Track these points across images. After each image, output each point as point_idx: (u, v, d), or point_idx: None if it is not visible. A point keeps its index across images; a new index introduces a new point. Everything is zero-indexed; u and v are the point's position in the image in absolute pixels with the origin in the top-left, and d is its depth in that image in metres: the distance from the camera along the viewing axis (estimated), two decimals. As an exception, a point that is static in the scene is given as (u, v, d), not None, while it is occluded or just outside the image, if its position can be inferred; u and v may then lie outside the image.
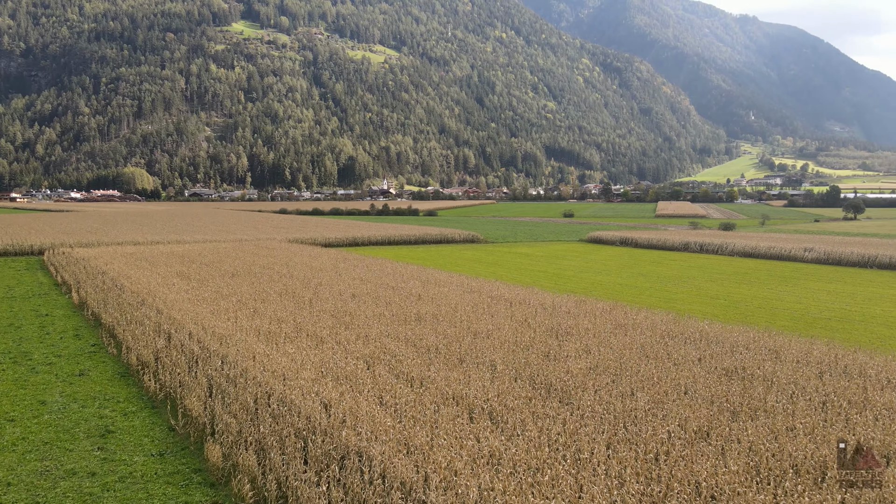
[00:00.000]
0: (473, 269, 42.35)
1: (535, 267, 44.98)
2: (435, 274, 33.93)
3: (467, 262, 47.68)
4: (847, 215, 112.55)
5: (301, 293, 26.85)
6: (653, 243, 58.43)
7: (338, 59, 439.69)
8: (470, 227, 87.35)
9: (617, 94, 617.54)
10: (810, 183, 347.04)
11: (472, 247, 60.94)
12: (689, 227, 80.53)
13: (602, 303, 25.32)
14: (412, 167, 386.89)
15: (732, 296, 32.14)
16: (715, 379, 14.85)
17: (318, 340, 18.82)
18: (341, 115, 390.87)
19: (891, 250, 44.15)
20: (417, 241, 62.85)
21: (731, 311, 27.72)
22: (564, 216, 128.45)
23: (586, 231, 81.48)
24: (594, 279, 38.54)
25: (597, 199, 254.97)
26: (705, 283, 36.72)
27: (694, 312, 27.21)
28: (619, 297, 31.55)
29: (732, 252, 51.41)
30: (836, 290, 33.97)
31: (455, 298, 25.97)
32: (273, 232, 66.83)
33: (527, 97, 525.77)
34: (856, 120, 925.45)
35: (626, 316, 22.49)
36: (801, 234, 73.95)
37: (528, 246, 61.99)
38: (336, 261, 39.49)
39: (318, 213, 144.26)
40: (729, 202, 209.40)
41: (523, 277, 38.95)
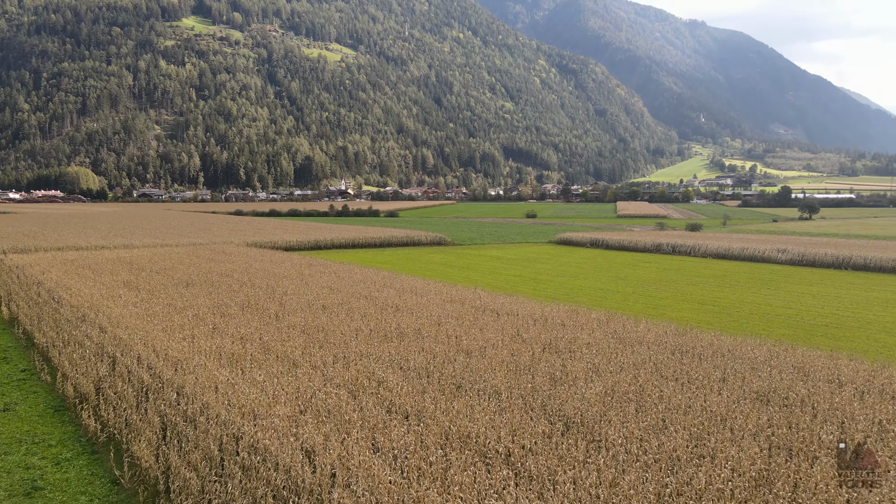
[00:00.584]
0: (446, 275, 40.28)
1: (508, 271, 43.19)
2: (409, 281, 31.72)
3: (438, 266, 45.57)
4: (803, 215, 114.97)
5: (265, 305, 24.30)
6: (624, 245, 57.47)
7: (293, 58, 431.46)
8: (434, 229, 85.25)
9: (573, 96, 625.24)
10: (759, 183, 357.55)
11: (439, 249, 58.86)
12: (655, 227, 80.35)
13: (595, 312, 23.59)
14: (370, 167, 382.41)
15: (720, 301, 30.95)
16: (750, 405, 13.15)
17: (291, 364, 16.43)
18: (297, 114, 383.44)
19: (863, 251, 44.04)
20: (383, 244, 60.40)
21: (725, 319, 26.40)
22: (527, 217, 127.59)
23: (553, 232, 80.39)
24: (574, 284, 36.95)
25: (556, 200, 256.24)
26: (687, 287, 35.55)
27: (687, 320, 25.79)
28: (605, 304, 29.98)
29: (705, 254, 50.74)
30: (820, 294, 33.19)
31: (436, 309, 23.84)
32: (229, 235, 63.36)
33: (484, 97, 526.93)
34: (799, 123, 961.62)
35: (625, 328, 20.78)
36: (764, 234, 74.46)
37: (497, 248, 60.28)
38: (300, 267, 36.85)
39: (275, 214, 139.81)
40: (685, 202, 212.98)
41: (500, 283, 37.10)
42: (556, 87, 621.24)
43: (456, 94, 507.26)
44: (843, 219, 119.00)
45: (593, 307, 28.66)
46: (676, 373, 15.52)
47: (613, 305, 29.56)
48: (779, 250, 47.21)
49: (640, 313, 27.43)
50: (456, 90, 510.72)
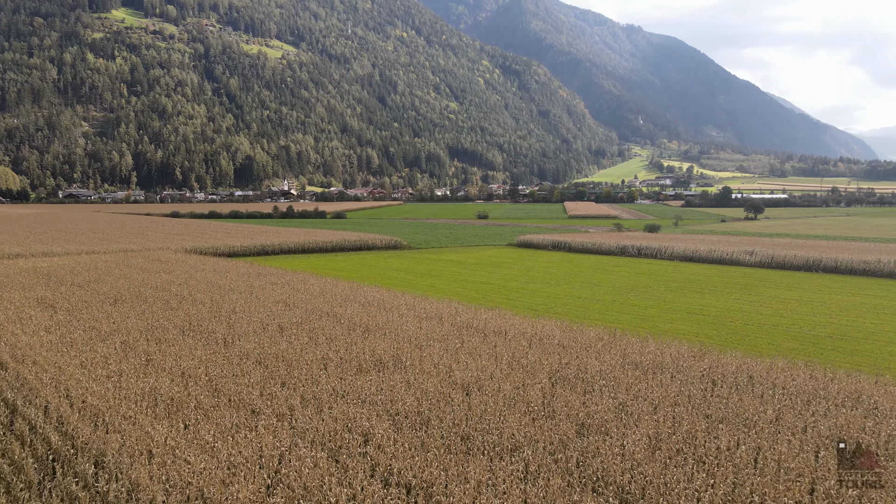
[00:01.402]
0: (410, 283, 37.16)
1: (474, 277, 40.43)
2: (373, 293, 28.47)
3: (398, 273, 42.37)
4: (748, 215, 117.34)
5: (211, 326, 20.63)
6: (587, 247, 55.70)
7: (232, 53, 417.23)
8: (386, 231, 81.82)
9: (516, 97, 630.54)
10: (696, 184, 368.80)
11: (396, 254, 55.59)
12: (612, 229, 79.43)
13: (593, 329, 21.02)
14: (314, 167, 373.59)
15: (707, 310, 29.03)
16: (833, 458, 10.70)
17: (249, 412, 13.07)
18: (237, 112, 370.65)
19: (832, 253, 43.48)
20: (335, 249, 56.65)
21: (723, 331, 24.34)
22: (479, 217, 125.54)
23: (510, 234, 78.29)
24: (548, 292, 34.48)
25: (504, 200, 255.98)
26: (667, 294, 33.63)
27: (685, 334, 23.62)
28: (589, 315, 27.56)
29: (672, 256, 49.41)
30: (804, 300, 31.81)
31: (412, 328, 20.76)
32: (165, 240, 58.19)
33: (429, 97, 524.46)
34: (730, 126, 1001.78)
35: (634, 349, 18.25)
36: (718, 234, 74.49)
37: (456, 252, 57.48)
38: (249, 277, 32.98)
39: (215, 216, 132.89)
40: (630, 202, 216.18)
41: (470, 292, 34.27)
42: (499, 87, 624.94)
43: (400, 93, 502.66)
44: (786, 218, 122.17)
45: (580, 320, 26.20)
46: (721, 411, 13.00)
47: (599, 317, 27.19)
48: (746, 252, 46.26)
49: (631, 327, 25.12)
50: (400, 90, 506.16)
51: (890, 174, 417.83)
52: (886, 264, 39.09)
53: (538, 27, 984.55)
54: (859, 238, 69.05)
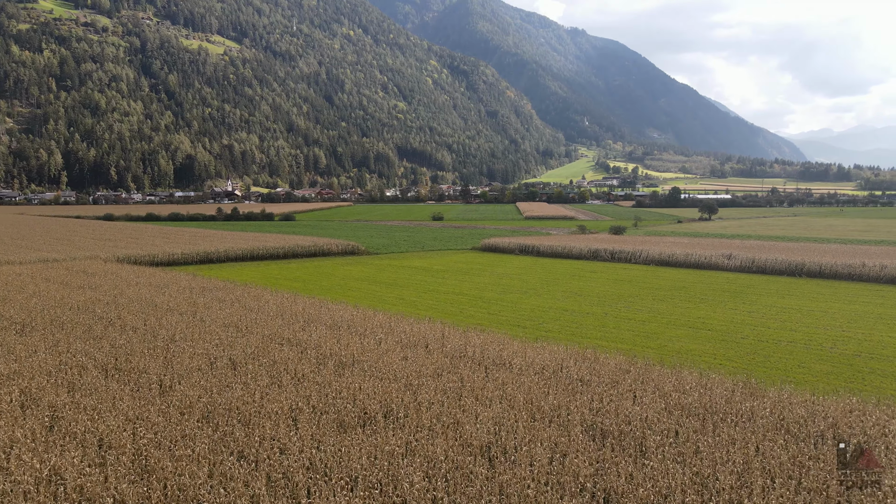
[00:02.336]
0: (376, 295, 33.39)
1: (445, 287, 36.95)
2: (340, 311, 24.61)
3: (361, 283, 38.46)
4: (703, 216, 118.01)
5: (143, 363, 16.45)
6: (557, 251, 53.02)
7: (170, 48, 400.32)
8: (340, 234, 77.44)
9: (465, 97, 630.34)
10: (642, 184, 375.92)
11: (355, 261, 51.52)
12: (575, 231, 77.36)
13: (610, 357, 17.84)
14: (259, 167, 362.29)
15: (709, 323, 26.44)
16: None
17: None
18: (176, 110, 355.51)
19: (814, 256, 42.01)
20: (288, 255, 52.13)
21: (741, 351, 21.67)
22: (434, 219, 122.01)
23: (470, 236, 75.19)
24: (530, 304, 31.33)
25: (455, 201, 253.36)
26: (658, 305, 31.00)
27: (699, 354, 20.83)
28: (584, 332, 24.53)
29: (647, 260, 47.20)
30: (804, 309, 29.68)
31: (395, 361, 17.10)
32: (95, 247, 52.36)
33: (377, 97, 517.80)
34: (670, 128, 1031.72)
35: (668, 384, 15.13)
36: (680, 235, 73.39)
37: (419, 258, 53.85)
38: (192, 292, 28.52)
39: (153, 218, 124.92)
40: (581, 203, 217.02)
41: (443, 304, 30.79)
42: (448, 87, 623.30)
43: (348, 92, 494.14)
44: (738, 219, 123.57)
45: (578, 340, 23.10)
46: (830, 487, 9.91)
47: (596, 335, 24.18)
48: (724, 256, 44.43)
49: (638, 347, 22.18)
50: (348, 88, 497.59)
51: (821, 175, 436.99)
52: (872, 268, 37.71)
53: (485, 28, 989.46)
54: (820, 239, 69.07)
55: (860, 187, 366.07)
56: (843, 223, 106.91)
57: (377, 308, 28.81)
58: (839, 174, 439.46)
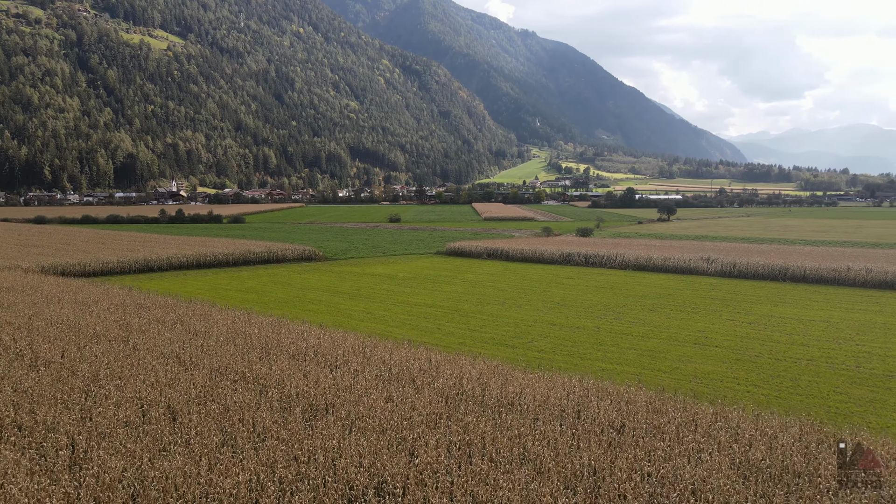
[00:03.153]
0: (342, 311, 29.92)
1: (416, 298, 33.74)
2: (303, 333, 21.12)
3: (322, 294, 34.84)
4: (661, 216, 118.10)
5: (52, 417, 12.74)
6: (527, 255, 50.44)
7: (109, 42, 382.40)
8: (292, 237, 73.17)
9: (417, 97, 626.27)
10: (594, 184, 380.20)
11: (313, 267, 47.67)
12: (541, 233, 75.12)
13: (640, 393, 15.00)
14: (206, 167, 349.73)
15: (712, 337, 24.09)
16: None
17: None
18: (116, 106, 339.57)
19: (796, 260, 40.60)
20: (239, 262, 47.87)
21: (765, 374, 19.27)
22: (391, 221, 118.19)
23: (433, 240, 72.05)
24: (512, 317, 28.46)
25: (410, 201, 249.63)
26: (650, 316, 28.60)
27: (719, 378, 18.33)
28: (581, 352, 21.77)
29: (624, 265, 45.06)
30: (806, 319, 27.74)
31: (378, 402, 13.87)
32: (18, 254, 46.92)
33: (328, 95, 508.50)
34: (619, 129, 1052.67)
35: (721, 432, 12.39)
36: (646, 237, 72.12)
37: (381, 263, 50.39)
38: (126, 311, 24.46)
39: (90, 221, 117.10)
40: (537, 203, 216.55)
41: (419, 321, 27.60)
42: (400, 87, 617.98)
43: (298, 90, 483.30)
44: (695, 219, 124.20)
45: (579, 363, 20.33)
46: None
47: (597, 356, 21.47)
48: (703, 259, 42.66)
49: (648, 371, 19.54)
50: (298, 87, 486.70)
51: (763, 176, 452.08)
52: (857, 272, 36.41)
53: (436, 28, 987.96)
54: (786, 241, 68.86)
55: (800, 188, 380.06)
56: (798, 223, 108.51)
57: (345, 327, 25.43)
58: (780, 175, 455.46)
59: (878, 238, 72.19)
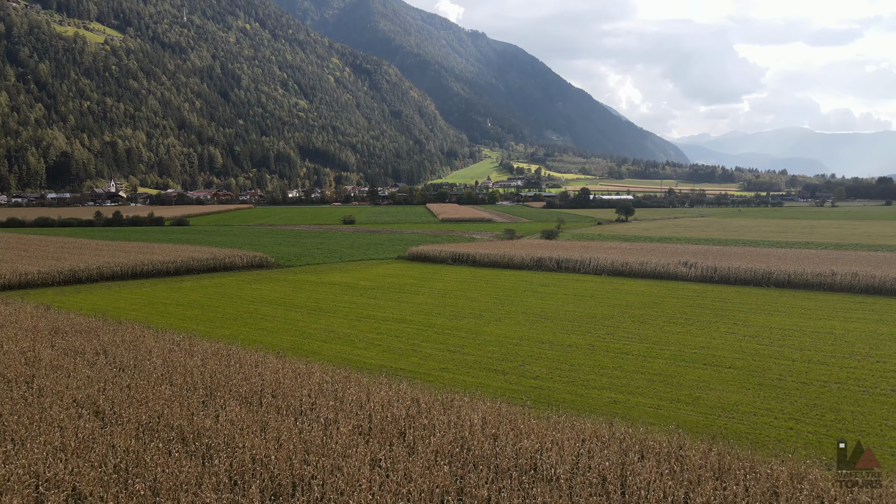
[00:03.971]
0: (300, 329, 26.29)
1: (382, 312, 30.38)
2: (256, 362, 17.56)
3: (277, 309, 31.04)
4: (620, 217, 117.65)
5: None
6: (496, 260, 47.63)
7: (41, 35, 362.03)
8: (241, 242, 68.48)
9: (368, 96, 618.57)
10: (546, 185, 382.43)
11: (265, 276, 43.58)
12: (504, 235, 72.48)
13: (688, 449, 12.14)
14: (147, 167, 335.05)
15: (720, 355, 21.67)
16: None
17: None
18: (49, 102, 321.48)
19: (779, 264, 39.04)
20: (181, 271, 43.34)
21: (797, 402, 16.80)
22: (345, 223, 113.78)
23: (392, 243, 68.46)
24: (493, 333, 25.48)
25: (363, 202, 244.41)
26: (644, 329, 26.10)
27: (749, 410, 15.76)
28: (580, 378, 18.96)
29: (598, 270, 42.74)
30: (809, 330, 25.72)
31: (362, 473, 10.61)
32: (-79, 265, 41.17)
33: (276, 94, 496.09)
34: (568, 130, 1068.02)
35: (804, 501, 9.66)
36: (612, 240, 70.56)
37: (339, 270, 46.67)
38: (35, 338, 20.26)
39: (16, 224, 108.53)
40: (492, 203, 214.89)
41: (389, 341, 24.27)
42: (350, 86, 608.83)
43: (245, 88, 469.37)
44: (653, 220, 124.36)
45: (584, 394, 17.48)
46: None
47: (602, 381, 18.70)
48: (682, 264, 40.73)
49: (665, 401, 16.83)
50: (245, 84, 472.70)
51: (708, 177, 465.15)
52: (843, 277, 34.97)
53: (386, 28, 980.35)
54: (752, 242, 68.34)
55: (743, 188, 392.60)
56: (753, 224, 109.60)
57: (306, 351, 21.96)
58: (724, 176, 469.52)
59: (837, 238, 72.62)
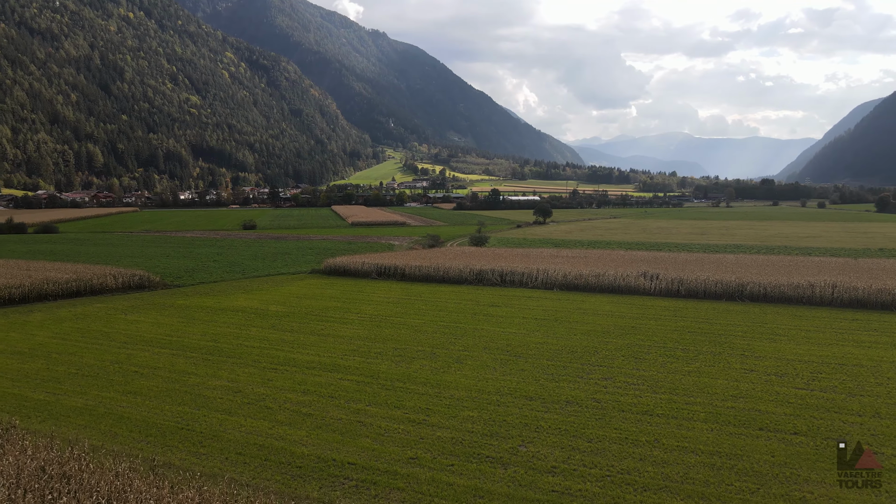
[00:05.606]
0: (193, 391, 18.76)
1: (304, 353, 23.37)
2: (107, 491, 10.22)
3: (160, 356, 23.11)
4: (538, 219, 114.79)
5: None
6: (429, 274, 41.33)
7: None
8: (121, 255, 58.06)
9: (266, 94, 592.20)
10: (452, 186, 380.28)
11: (145, 302, 34.84)
12: (427, 241, 65.91)
13: None
14: (13, 165, 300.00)
15: (770, 412, 16.65)
16: None
17: None
18: None
19: (751, 275, 35.36)
20: (30, 297, 33.72)
21: None
22: (246, 228, 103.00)
23: (303, 252, 60.27)
24: (458, 384, 19.27)
25: (263, 204, 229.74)
26: (641, 367, 20.84)
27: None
28: (625, 473, 13.15)
29: (549, 284, 37.55)
30: (834, 360, 21.43)
31: None
32: None
33: (165, 88, 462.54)
34: (469, 132, 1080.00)
35: None
36: (544, 245, 66.40)
37: (244, 291, 38.59)
38: None
39: None
40: (400, 205, 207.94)
41: (322, 406, 17.46)
42: (247, 83, 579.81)
43: (129, 81, 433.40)
44: (571, 221, 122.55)
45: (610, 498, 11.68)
46: None
47: (649, 473, 13.00)
48: (642, 275, 36.29)
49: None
50: (129, 77, 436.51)
51: (606, 178, 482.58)
52: (823, 289, 31.69)
53: (284, 23, 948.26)
54: (677, 245, 66.29)
55: (639, 188, 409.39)
56: (669, 225, 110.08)
57: (201, 440, 14.74)
58: (620, 177, 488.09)
59: (759, 240, 72.30)
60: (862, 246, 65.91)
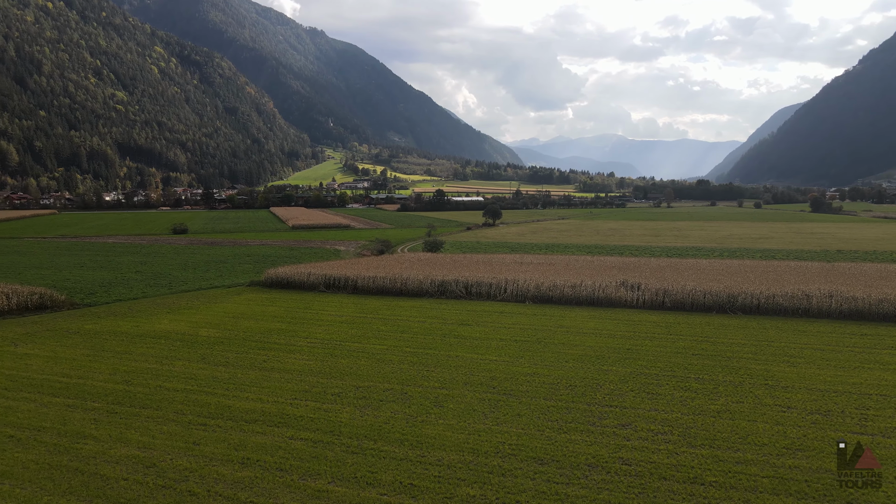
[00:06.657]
0: (85, 467, 13.78)
1: (243, 399, 18.75)
2: None
3: (50, 402, 17.94)
4: (488, 220, 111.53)
5: None
6: (385, 286, 36.87)
7: None
8: (21, 264, 50.91)
9: (199, 91, 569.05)
10: (394, 186, 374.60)
11: (45, 327, 28.97)
12: (375, 245, 61.04)
13: None
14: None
15: (829, 481, 13.20)
16: None
17: None
18: None
19: (741, 284, 32.59)
20: None
21: None
22: (176, 232, 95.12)
23: (240, 261, 54.49)
24: (445, 441, 15.18)
25: (196, 206, 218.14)
26: (661, 409, 17.28)
27: None
28: None
29: (520, 296, 33.83)
30: (864, 388, 18.45)
31: None
32: None
33: (88, 83, 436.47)
34: (410, 132, 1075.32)
35: None
36: (493, 249, 62.87)
37: (168, 309, 33.11)
38: None
39: None
40: (342, 207, 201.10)
41: (273, 489, 12.86)
42: (178, 79, 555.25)
43: (48, 75, 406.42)
44: (521, 223, 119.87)
45: None
46: None
47: None
48: (622, 285, 33.05)
49: None
50: (47, 70, 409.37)
51: (547, 178, 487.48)
52: (819, 299, 29.20)
53: (218, 18, 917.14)
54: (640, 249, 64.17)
55: (579, 189, 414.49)
56: (620, 226, 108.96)
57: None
58: (561, 178, 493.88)
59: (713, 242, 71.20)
60: (818, 248, 65.60)
